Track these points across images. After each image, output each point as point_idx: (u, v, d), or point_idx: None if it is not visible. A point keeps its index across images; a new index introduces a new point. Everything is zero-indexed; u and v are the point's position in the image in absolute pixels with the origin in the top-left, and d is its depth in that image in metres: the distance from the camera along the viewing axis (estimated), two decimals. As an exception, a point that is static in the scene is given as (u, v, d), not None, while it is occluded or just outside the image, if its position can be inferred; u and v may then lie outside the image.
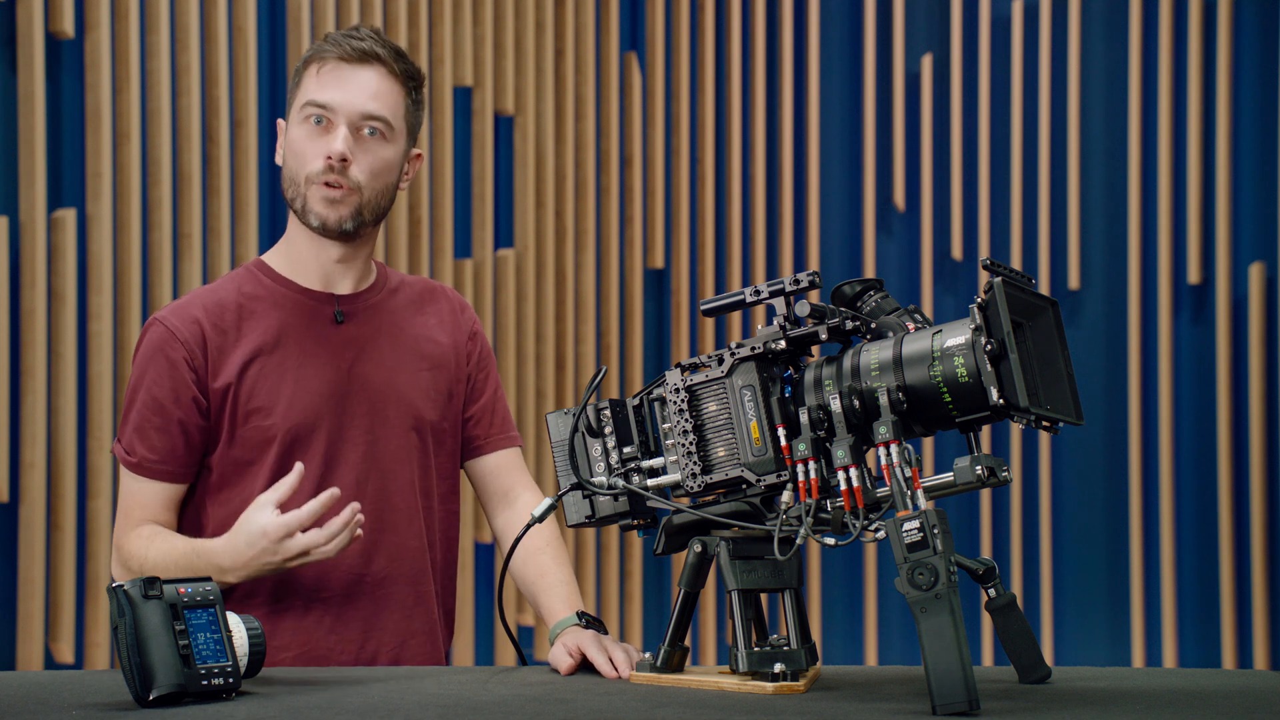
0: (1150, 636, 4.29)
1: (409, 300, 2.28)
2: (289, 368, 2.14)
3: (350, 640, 2.16)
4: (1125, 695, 1.65)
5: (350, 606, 2.16)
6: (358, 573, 2.16)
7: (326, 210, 2.13)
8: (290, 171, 2.16)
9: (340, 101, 2.12)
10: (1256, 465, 4.20)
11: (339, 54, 2.14)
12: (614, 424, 1.81)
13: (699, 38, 4.65)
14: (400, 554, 2.19)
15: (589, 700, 1.62)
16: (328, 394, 2.15)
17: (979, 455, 1.61)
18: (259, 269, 2.22)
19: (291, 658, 2.13)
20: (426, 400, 2.22)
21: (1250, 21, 4.28)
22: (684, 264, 4.60)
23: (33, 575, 3.37)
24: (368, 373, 2.18)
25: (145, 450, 2.13)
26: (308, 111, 2.13)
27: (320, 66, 2.14)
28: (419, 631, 2.21)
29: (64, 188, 3.48)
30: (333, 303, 2.20)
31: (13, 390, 3.38)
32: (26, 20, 3.39)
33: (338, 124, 2.12)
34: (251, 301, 2.17)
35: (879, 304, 1.72)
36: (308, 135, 2.13)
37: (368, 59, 2.14)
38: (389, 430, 2.18)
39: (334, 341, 2.18)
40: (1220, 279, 4.25)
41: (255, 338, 2.15)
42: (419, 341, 2.25)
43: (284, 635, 2.14)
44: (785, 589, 1.73)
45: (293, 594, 2.14)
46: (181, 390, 2.12)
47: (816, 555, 4.47)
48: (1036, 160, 4.43)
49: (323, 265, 2.20)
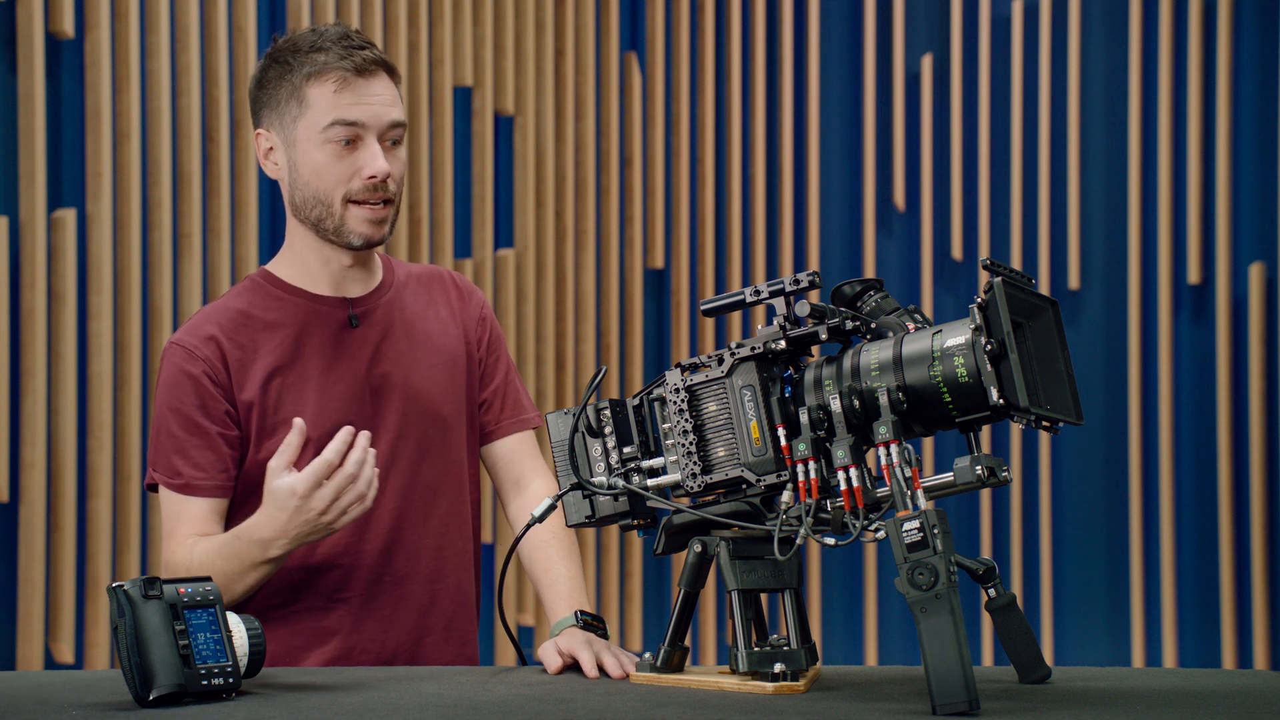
0: (1150, 636, 4.29)
1: (417, 293, 2.27)
2: (311, 376, 2.13)
3: (371, 639, 2.16)
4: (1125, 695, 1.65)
5: (371, 606, 2.16)
6: (377, 572, 2.16)
7: (372, 230, 2.11)
8: (317, 192, 2.10)
9: (370, 118, 2.09)
10: (1256, 465, 4.20)
11: (350, 67, 2.08)
12: (614, 424, 1.81)
13: (699, 38, 4.65)
14: (419, 551, 2.19)
15: (589, 700, 1.62)
16: (350, 399, 2.14)
17: (979, 455, 1.61)
18: (266, 280, 2.19)
19: (311, 657, 2.12)
20: (444, 396, 2.22)
21: (1250, 21, 4.28)
22: (684, 264, 4.60)
23: (33, 575, 3.37)
24: (386, 373, 2.18)
25: (192, 470, 2.10)
26: (336, 133, 2.08)
27: (334, 83, 2.08)
28: (435, 629, 2.21)
29: (64, 188, 3.48)
30: (345, 307, 2.18)
31: (13, 390, 3.38)
32: (26, 20, 3.39)
33: (367, 139, 2.09)
34: (265, 314, 2.15)
35: (879, 304, 1.72)
36: (336, 155, 2.09)
37: (375, 68, 2.11)
38: (409, 429, 2.18)
39: (351, 345, 2.17)
40: (1220, 279, 4.25)
41: (274, 351, 2.13)
42: (431, 335, 2.24)
43: (305, 636, 2.13)
44: (785, 589, 1.72)
45: (313, 595, 2.13)
46: (212, 405, 2.10)
47: (816, 555, 4.47)
48: (1036, 160, 4.43)
49: (333, 272, 2.18)
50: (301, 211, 2.14)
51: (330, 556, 2.14)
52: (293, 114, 2.11)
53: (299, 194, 2.13)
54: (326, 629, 2.14)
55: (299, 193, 2.13)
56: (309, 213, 2.13)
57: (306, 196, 2.12)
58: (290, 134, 2.12)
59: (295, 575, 2.13)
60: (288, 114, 2.11)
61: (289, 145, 2.12)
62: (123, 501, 3.50)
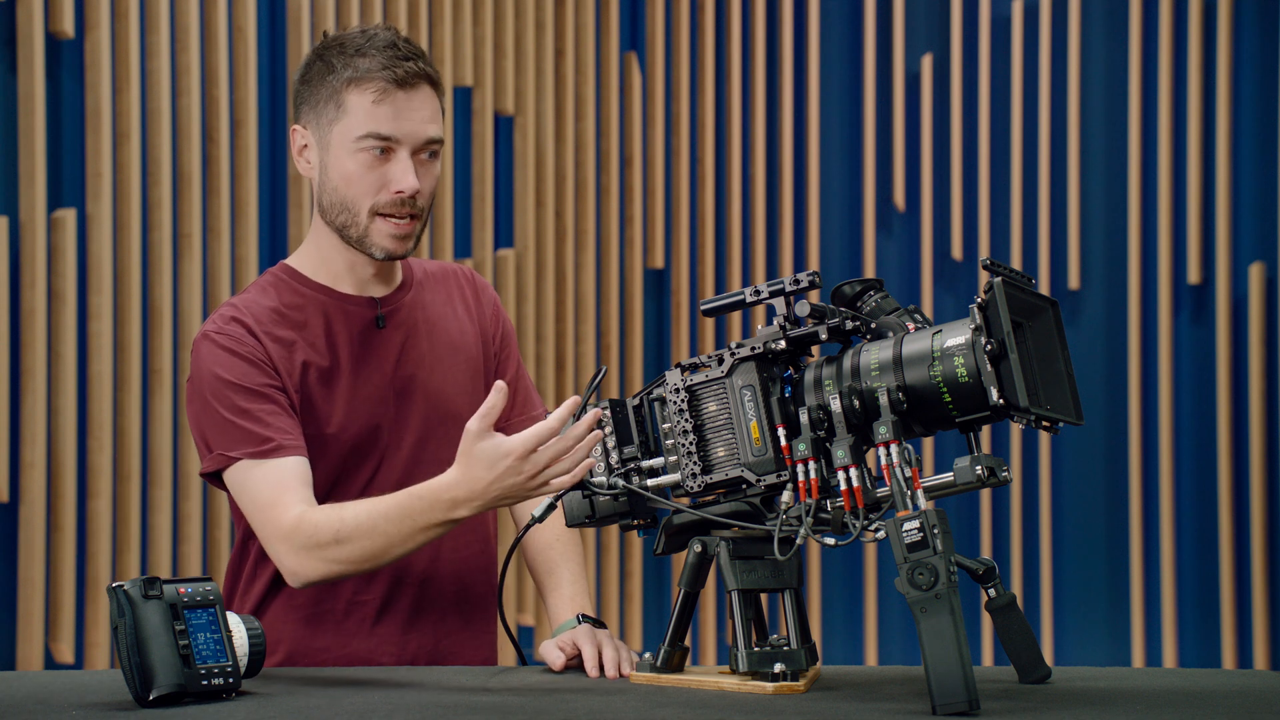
0: (1150, 636, 4.29)
1: (435, 291, 2.25)
2: (342, 374, 2.12)
3: (391, 641, 2.14)
4: (1125, 695, 1.65)
5: (391, 607, 2.14)
6: (397, 574, 2.15)
7: (395, 245, 2.10)
8: (345, 199, 2.09)
9: (405, 133, 2.06)
10: (1256, 465, 4.20)
11: (392, 78, 2.05)
12: (614, 424, 1.81)
13: (699, 38, 4.65)
14: (440, 553, 2.18)
15: (589, 700, 1.62)
16: (379, 399, 2.13)
17: (979, 455, 1.61)
18: (291, 276, 2.17)
19: (332, 660, 2.11)
20: (464, 396, 2.21)
21: (1250, 21, 4.28)
22: (684, 264, 4.60)
23: (33, 575, 3.37)
24: (411, 374, 2.17)
25: (278, 433, 2.03)
26: (369, 144, 2.05)
27: (374, 93, 2.06)
28: (458, 629, 2.20)
29: (64, 188, 3.48)
30: (373, 307, 2.16)
31: (13, 390, 3.38)
32: (26, 20, 3.39)
33: (399, 152, 2.06)
34: (295, 311, 2.13)
35: (879, 304, 1.72)
36: (368, 165, 2.06)
37: (418, 80, 2.08)
38: (433, 430, 2.17)
39: (378, 346, 2.16)
40: (1220, 279, 4.25)
41: (307, 347, 2.11)
42: (451, 335, 2.23)
43: (325, 638, 2.12)
44: (785, 589, 1.73)
45: (333, 597, 2.12)
46: (265, 372, 2.06)
47: (816, 555, 4.47)
48: (1036, 160, 4.43)
49: (359, 273, 2.16)
50: (328, 215, 2.12)
51: None
52: (330, 116, 2.08)
53: (327, 198, 2.11)
54: (348, 631, 2.13)
55: (327, 196, 2.11)
56: (335, 217, 2.11)
57: (334, 201, 2.10)
58: (325, 136, 2.09)
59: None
60: (325, 115, 2.09)
61: (323, 147, 2.10)
62: (123, 501, 3.50)
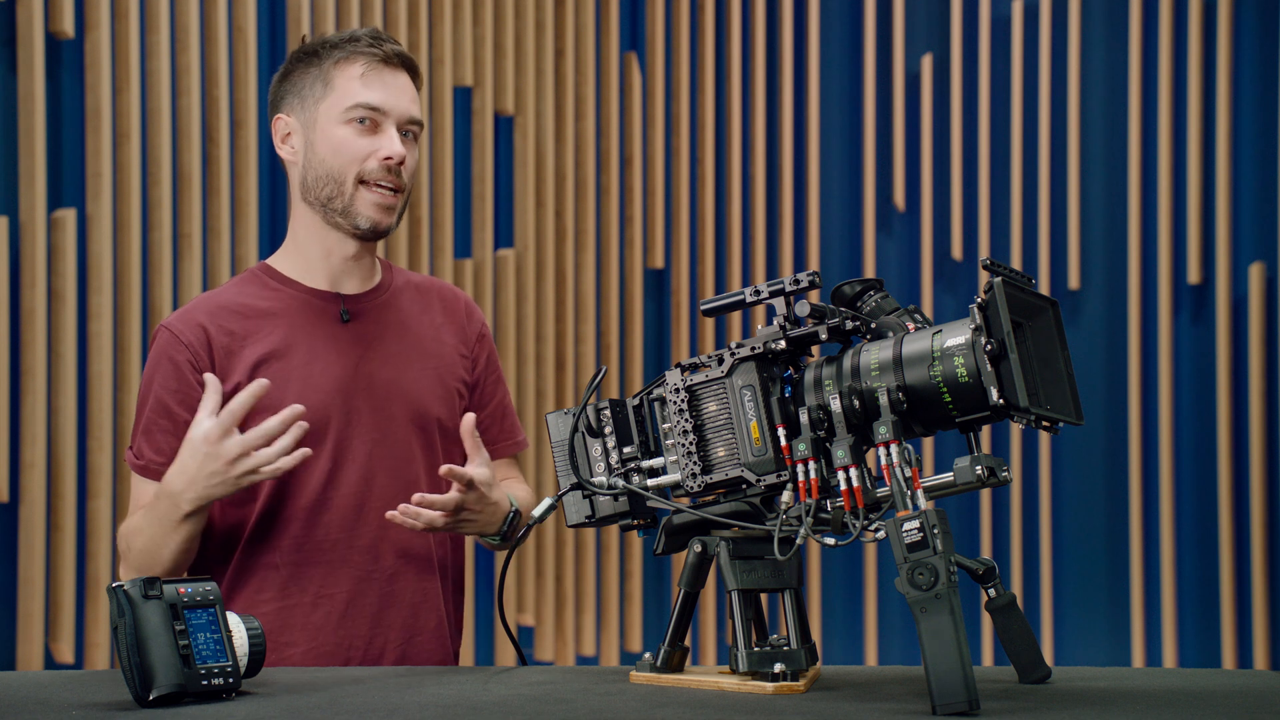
0: (1150, 636, 4.29)
1: (414, 299, 2.29)
2: (296, 366, 2.15)
3: (358, 636, 2.17)
4: (1125, 695, 1.65)
5: (358, 603, 2.17)
6: (366, 569, 2.17)
7: (379, 215, 2.17)
8: (332, 169, 2.15)
9: (391, 104, 2.16)
10: (1256, 465, 4.20)
11: (377, 57, 2.16)
12: (614, 424, 1.81)
13: (699, 38, 4.65)
14: (408, 550, 2.20)
15: (589, 700, 1.62)
16: (335, 390, 2.16)
17: (979, 455, 1.61)
18: (264, 272, 2.23)
19: (299, 654, 2.14)
20: (434, 397, 2.23)
21: (1250, 21, 4.28)
22: (684, 264, 4.60)
23: (33, 575, 3.37)
24: (374, 370, 2.19)
25: (152, 453, 2.14)
26: (357, 113, 2.14)
27: (360, 68, 2.15)
28: (426, 628, 2.22)
29: (64, 188, 3.49)
30: (339, 302, 2.21)
31: (13, 390, 3.38)
32: (26, 20, 3.39)
33: (386, 126, 2.16)
34: (257, 304, 2.18)
35: (879, 304, 1.72)
36: (355, 135, 2.15)
37: (400, 63, 2.19)
38: (396, 427, 2.19)
39: (341, 340, 2.19)
40: (1220, 279, 4.25)
41: (264, 340, 2.15)
42: (425, 340, 2.26)
43: (292, 632, 2.14)
44: (785, 589, 1.72)
45: (301, 590, 2.15)
46: (187, 392, 2.13)
47: (816, 555, 4.47)
48: (1036, 160, 4.43)
49: (332, 266, 2.21)
50: (312, 192, 2.17)
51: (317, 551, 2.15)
52: (316, 95, 2.17)
53: (311, 173, 2.17)
54: (313, 625, 2.15)
55: (312, 172, 2.17)
56: (320, 191, 2.16)
57: (320, 174, 2.16)
58: (311, 115, 2.17)
59: (284, 571, 2.14)
60: (311, 96, 2.17)
61: (308, 126, 2.17)
62: (123, 501, 3.50)
